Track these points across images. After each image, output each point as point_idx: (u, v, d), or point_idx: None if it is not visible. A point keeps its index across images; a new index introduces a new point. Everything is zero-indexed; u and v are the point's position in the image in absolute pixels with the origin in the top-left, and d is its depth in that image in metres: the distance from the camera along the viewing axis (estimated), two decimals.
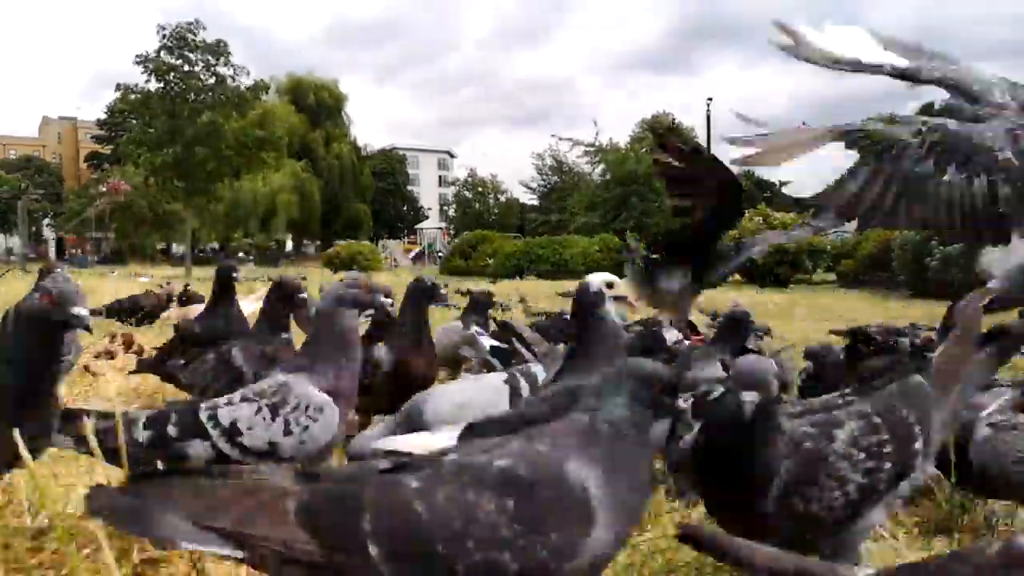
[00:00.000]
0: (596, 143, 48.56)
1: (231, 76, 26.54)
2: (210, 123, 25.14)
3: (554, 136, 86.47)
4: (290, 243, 58.87)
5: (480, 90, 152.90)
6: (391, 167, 64.17)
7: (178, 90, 25.82)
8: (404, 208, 65.73)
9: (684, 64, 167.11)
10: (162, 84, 25.74)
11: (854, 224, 2.11)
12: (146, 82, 25.73)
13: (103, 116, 53.28)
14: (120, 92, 26.56)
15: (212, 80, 26.29)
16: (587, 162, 51.00)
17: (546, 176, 57.02)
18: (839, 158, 2.04)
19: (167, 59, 25.67)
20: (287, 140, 35.58)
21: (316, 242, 55.45)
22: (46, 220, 52.01)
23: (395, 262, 38.42)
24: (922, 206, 2.00)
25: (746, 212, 25.99)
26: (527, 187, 58.50)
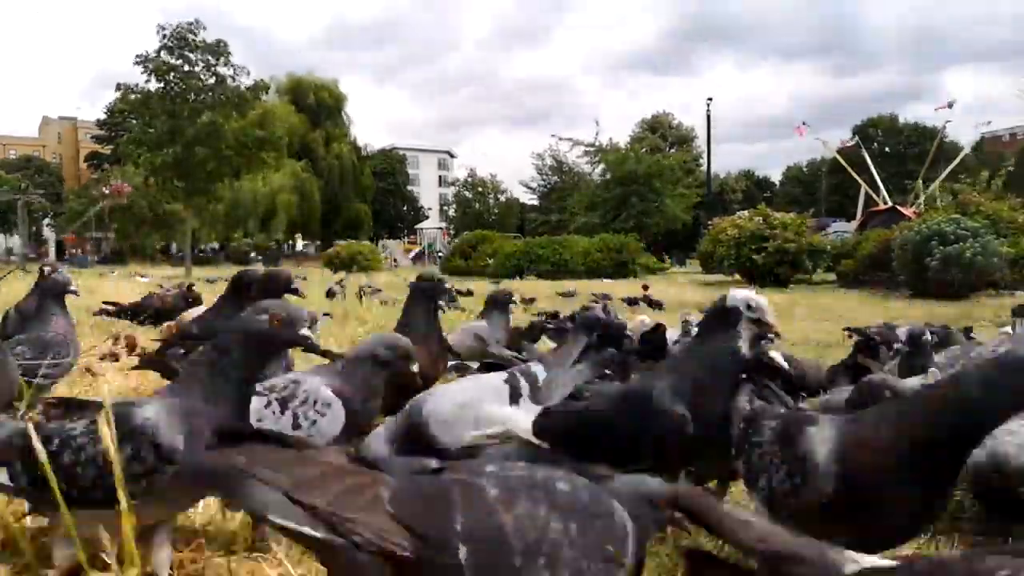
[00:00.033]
0: (596, 143, 48.55)
1: (231, 76, 26.61)
2: (210, 123, 25.18)
3: (554, 136, 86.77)
4: (300, 243, 58.81)
5: (480, 90, 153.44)
6: (391, 167, 64.16)
7: (178, 90, 25.86)
8: (404, 208, 65.71)
9: (684, 64, 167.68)
10: (162, 84, 25.78)
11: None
12: (146, 82, 25.82)
13: (103, 116, 53.51)
14: (120, 92, 26.61)
15: (212, 80, 26.33)
16: (587, 162, 51.09)
17: (546, 176, 57.07)
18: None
19: (167, 59, 25.71)
20: (287, 140, 35.55)
21: (316, 242, 55.40)
22: (46, 220, 51.96)
23: (395, 262, 38.41)
24: None
25: (746, 212, 25.93)
26: (527, 187, 58.64)
